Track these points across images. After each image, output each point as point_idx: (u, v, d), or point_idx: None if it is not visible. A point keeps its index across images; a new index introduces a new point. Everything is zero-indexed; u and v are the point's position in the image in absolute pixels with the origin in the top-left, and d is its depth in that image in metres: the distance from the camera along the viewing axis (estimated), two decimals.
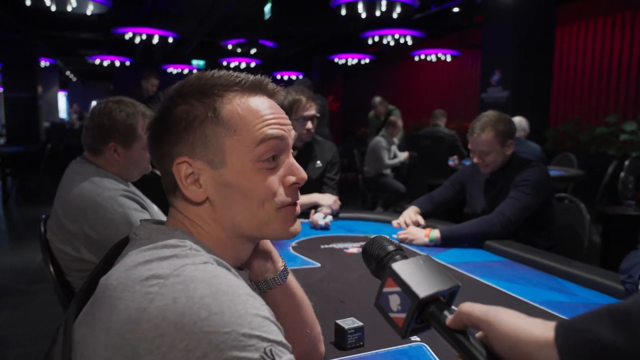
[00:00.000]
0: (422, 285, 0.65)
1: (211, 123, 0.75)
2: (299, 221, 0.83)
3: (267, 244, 0.90)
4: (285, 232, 0.80)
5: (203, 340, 0.57)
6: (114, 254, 0.77)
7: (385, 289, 0.68)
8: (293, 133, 0.82)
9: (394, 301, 0.67)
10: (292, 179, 0.79)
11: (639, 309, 0.48)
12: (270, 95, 0.82)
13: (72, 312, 0.71)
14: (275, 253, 0.91)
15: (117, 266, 0.68)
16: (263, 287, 0.89)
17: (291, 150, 0.82)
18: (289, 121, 0.82)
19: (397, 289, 0.66)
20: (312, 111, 2.63)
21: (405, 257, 0.74)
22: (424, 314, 0.65)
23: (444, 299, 0.67)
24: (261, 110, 0.77)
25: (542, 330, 0.54)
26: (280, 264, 0.91)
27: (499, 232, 2.10)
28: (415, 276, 0.66)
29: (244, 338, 0.58)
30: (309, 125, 2.63)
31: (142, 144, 1.79)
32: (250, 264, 0.87)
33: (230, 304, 0.59)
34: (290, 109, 2.61)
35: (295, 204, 0.81)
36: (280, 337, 0.62)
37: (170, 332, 0.58)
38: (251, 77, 0.80)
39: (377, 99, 7.94)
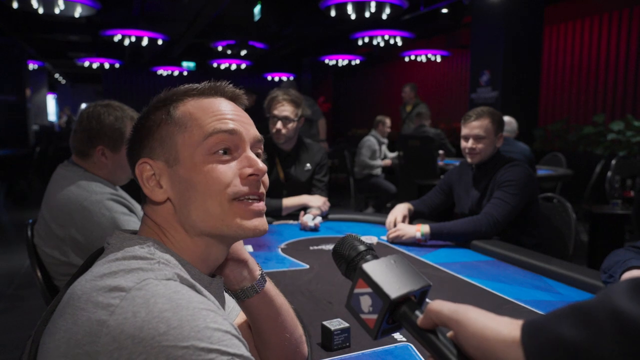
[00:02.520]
0: (393, 285, 0.64)
1: (166, 124, 0.78)
2: (263, 219, 0.80)
3: (243, 252, 0.89)
4: (242, 229, 0.76)
5: (161, 354, 0.57)
6: (89, 263, 0.77)
7: (357, 290, 0.67)
8: (254, 131, 0.81)
9: (365, 302, 0.66)
10: (248, 170, 0.77)
11: (600, 306, 0.49)
12: (231, 98, 0.83)
13: (42, 322, 0.71)
14: (251, 261, 0.90)
15: (84, 275, 0.68)
16: (240, 295, 0.88)
17: (250, 147, 0.80)
18: (247, 119, 0.82)
19: (368, 289, 0.65)
20: (282, 112, 2.58)
21: (376, 257, 0.73)
22: (395, 314, 0.65)
23: (415, 299, 0.66)
24: (213, 107, 0.79)
25: (509, 329, 0.54)
26: (257, 272, 0.90)
27: (487, 232, 2.13)
28: (386, 276, 0.65)
29: (202, 352, 0.57)
30: (278, 125, 2.58)
31: None
32: (225, 273, 0.87)
33: (190, 319, 0.59)
34: (267, 106, 2.63)
35: (255, 200, 0.78)
36: (242, 350, 0.62)
37: (128, 345, 0.58)
38: (211, 83, 0.82)
39: (409, 85, 7.77)
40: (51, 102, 19.77)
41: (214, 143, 0.76)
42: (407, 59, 11.36)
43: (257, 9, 7.84)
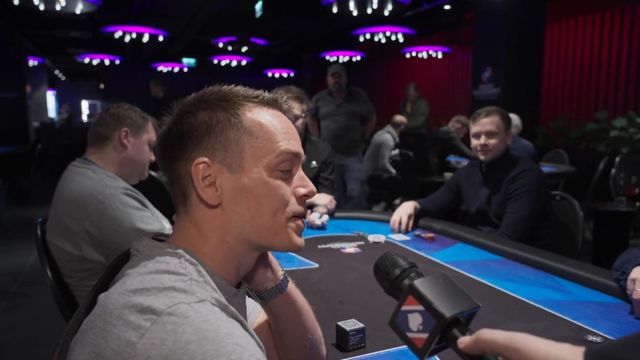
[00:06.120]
0: (447, 304, 0.63)
1: (233, 128, 0.76)
2: (302, 237, 0.84)
3: (267, 254, 0.90)
4: (291, 244, 0.80)
5: None
6: (115, 269, 0.76)
7: (405, 307, 0.66)
8: (302, 151, 0.84)
9: (414, 320, 0.65)
10: (302, 190, 0.80)
11: None
12: (284, 112, 0.84)
13: (70, 332, 0.70)
14: (275, 262, 0.91)
15: (116, 286, 0.68)
16: (264, 296, 0.89)
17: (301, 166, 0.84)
18: (299, 139, 0.84)
19: (419, 307, 0.64)
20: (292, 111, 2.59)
21: (421, 274, 0.72)
22: (444, 335, 0.64)
23: (464, 320, 0.65)
24: (280, 124, 0.80)
25: (572, 355, 0.53)
26: (280, 272, 0.91)
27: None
28: (439, 295, 0.64)
29: None
30: None
31: (149, 140, 1.91)
32: (249, 274, 0.87)
33: (213, 354, 0.59)
34: None
35: (302, 218, 0.82)
36: None
37: None
38: (267, 93, 0.83)
39: (412, 85, 7.78)
40: (51, 98, 19.72)
41: (282, 161, 0.77)
42: (408, 56, 11.33)
43: (258, 5, 7.81)
